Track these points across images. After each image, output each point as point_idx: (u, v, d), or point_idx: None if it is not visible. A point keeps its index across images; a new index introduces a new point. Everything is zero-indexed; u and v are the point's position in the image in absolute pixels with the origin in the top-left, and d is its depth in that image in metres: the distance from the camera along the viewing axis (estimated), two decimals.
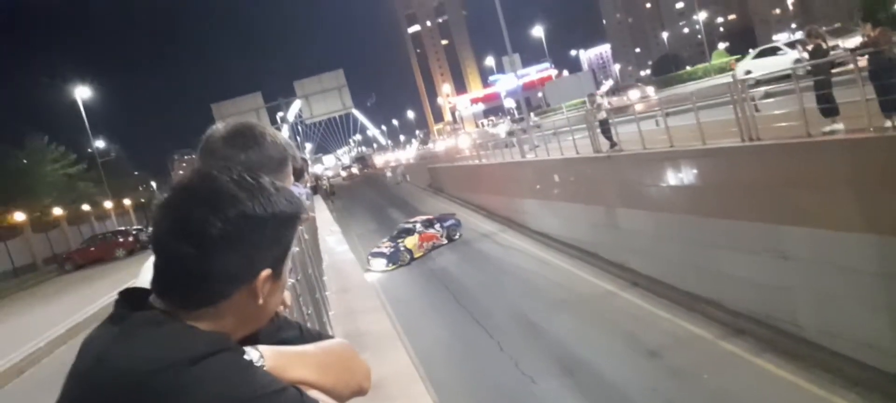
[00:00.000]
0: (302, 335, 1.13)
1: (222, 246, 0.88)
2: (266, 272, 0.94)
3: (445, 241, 23.24)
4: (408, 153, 68.59)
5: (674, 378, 10.14)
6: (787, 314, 10.14)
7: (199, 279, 0.89)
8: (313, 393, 0.95)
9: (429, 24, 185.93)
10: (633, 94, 41.91)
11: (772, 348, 10.18)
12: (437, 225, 23.54)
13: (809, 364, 9.43)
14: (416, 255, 22.02)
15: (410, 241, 22.19)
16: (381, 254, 21.70)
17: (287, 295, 1.61)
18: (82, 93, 34.89)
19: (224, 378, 0.82)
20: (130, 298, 0.94)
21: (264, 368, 0.91)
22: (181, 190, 0.92)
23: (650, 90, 42.44)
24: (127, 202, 46.16)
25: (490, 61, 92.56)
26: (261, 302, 0.95)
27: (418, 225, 23.18)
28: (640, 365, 10.72)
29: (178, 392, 0.78)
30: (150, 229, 0.96)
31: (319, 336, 1.18)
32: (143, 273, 1.27)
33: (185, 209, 0.90)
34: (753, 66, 22.07)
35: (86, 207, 39.61)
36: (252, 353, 0.91)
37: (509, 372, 11.48)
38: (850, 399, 8.45)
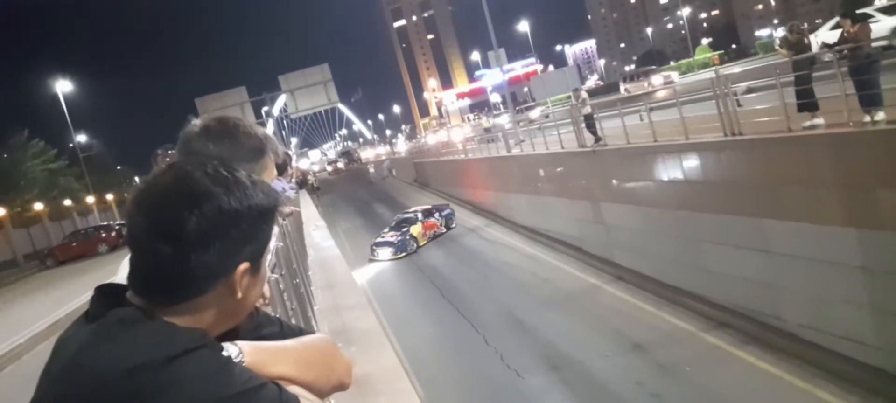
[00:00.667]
0: (282, 331, 1.12)
1: (198, 241, 0.86)
2: (244, 266, 0.93)
3: (444, 230, 23.40)
4: (399, 146, 67.38)
5: (658, 371, 10.23)
6: (770, 307, 10.27)
7: (176, 275, 0.88)
8: (294, 389, 0.94)
9: (414, 18, 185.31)
10: (657, 80, 39.49)
11: (755, 341, 10.31)
12: (437, 214, 23.72)
13: (791, 357, 9.57)
14: (421, 244, 22.04)
15: (415, 230, 22.18)
16: (388, 244, 21.60)
17: (267, 289, 1.60)
18: (64, 87, 34.43)
19: (202, 375, 0.81)
20: (107, 295, 0.92)
21: (244, 364, 0.90)
22: (154, 185, 0.91)
23: (675, 76, 40.23)
24: (110, 197, 45.61)
25: (476, 56, 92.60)
26: (239, 296, 0.94)
27: (419, 215, 23.25)
28: (626, 359, 10.81)
29: (156, 390, 0.77)
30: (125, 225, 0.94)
31: (300, 331, 1.17)
32: (121, 270, 1.26)
33: (159, 205, 0.88)
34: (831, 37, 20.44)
35: (67, 203, 39.09)
36: (231, 349, 0.90)
37: (496, 367, 11.52)
38: (832, 392, 8.58)
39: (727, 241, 10.83)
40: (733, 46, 77.12)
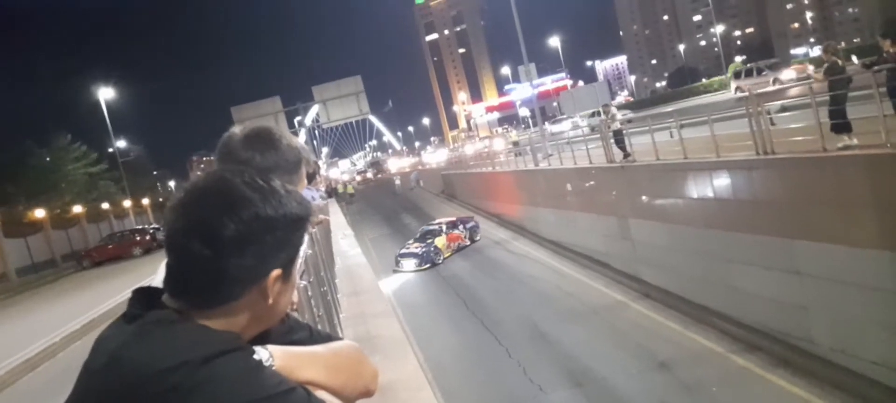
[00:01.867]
0: (312, 336, 1.15)
1: (235, 247, 0.90)
2: (276, 272, 0.96)
3: (469, 242, 23.39)
4: (437, 156, 64.79)
5: (683, 391, 10.07)
6: (800, 330, 10.04)
7: (212, 279, 0.91)
8: (321, 394, 0.96)
9: (446, 32, 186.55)
10: (788, 75, 28.43)
11: (785, 364, 10.07)
12: (461, 227, 23.70)
13: (822, 382, 9.32)
14: (445, 255, 22.01)
15: (440, 242, 22.19)
16: (412, 255, 21.63)
17: (296, 295, 1.68)
18: (105, 93, 35.48)
19: (235, 376, 0.84)
20: (144, 297, 0.96)
21: (274, 368, 0.93)
22: (195, 191, 0.95)
23: (810, 69, 26.73)
24: (145, 201, 46.75)
25: (506, 70, 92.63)
26: (271, 301, 0.97)
27: (444, 227, 23.25)
28: (650, 378, 10.66)
29: (190, 390, 0.80)
30: (164, 229, 0.98)
31: (329, 337, 1.20)
32: (158, 272, 1.35)
33: (198, 210, 0.92)
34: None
35: (105, 205, 40.17)
36: (262, 353, 0.93)
37: (518, 381, 11.46)
38: None
39: (757, 261, 10.64)
40: None
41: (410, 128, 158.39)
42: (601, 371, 11.20)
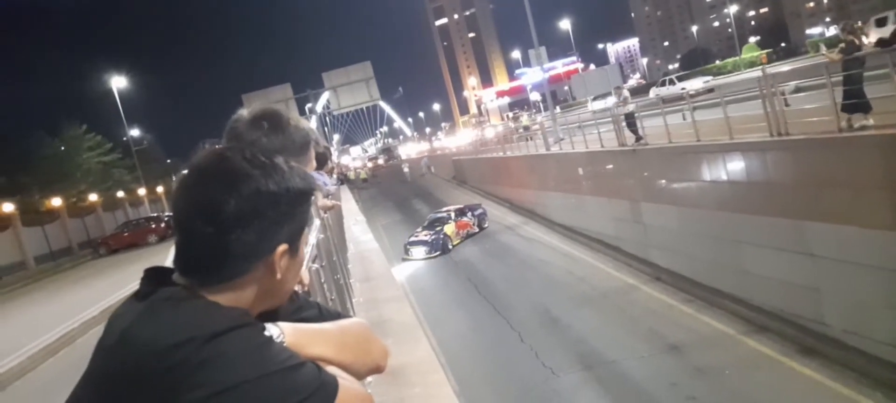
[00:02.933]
0: (321, 314, 1.17)
1: (238, 222, 0.91)
2: (282, 247, 0.98)
3: (477, 229, 23.32)
4: (458, 139, 61.96)
5: (695, 373, 10.08)
6: (812, 312, 10.00)
7: (218, 256, 0.93)
8: (331, 370, 0.96)
9: (456, 16, 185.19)
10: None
11: (797, 346, 10.05)
12: (469, 214, 23.64)
13: (835, 363, 9.30)
14: (455, 243, 21.92)
15: (449, 229, 22.06)
16: (422, 243, 21.46)
17: (305, 275, 1.70)
18: (118, 82, 35.70)
19: (244, 351, 0.85)
20: (155, 275, 0.98)
21: (284, 344, 0.93)
22: (196, 170, 0.96)
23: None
24: (159, 189, 47.16)
25: (516, 54, 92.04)
26: (279, 277, 0.99)
27: (452, 214, 23.17)
28: (661, 361, 10.68)
29: (199, 365, 0.81)
30: (170, 209, 1.00)
31: (338, 315, 1.21)
32: (170, 256, 1.38)
33: (200, 189, 0.94)
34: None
35: (120, 194, 40.60)
36: (272, 329, 0.94)
37: (530, 364, 11.53)
38: (876, 399, 8.32)
39: (769, 243, 10.59)
40: (783, 45, 74.64)
41: (421, 114, 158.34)
42: (612, 354, 11.24)
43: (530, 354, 11.93)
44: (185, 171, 0.98)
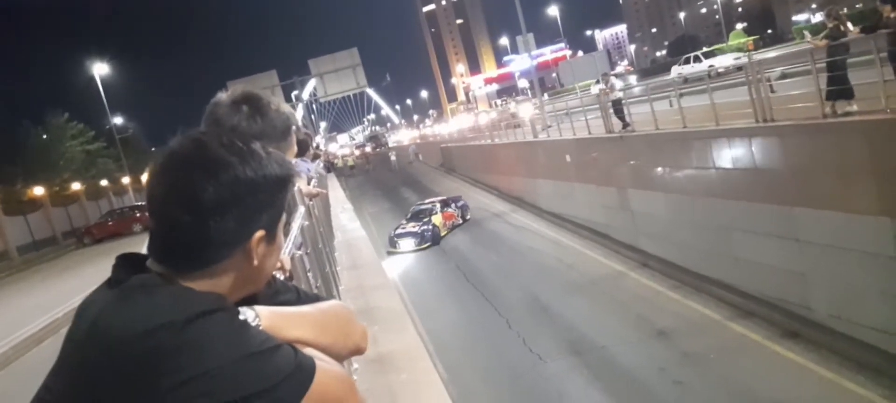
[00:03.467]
0: (299, 297, 1.15)
1: (215, 209, 0.90)
2: (259, 234, 0.96)
3: (461, 221, 23.25)
4: (451, 126, 59.88)
5: (682, 358, 10.18)
6: (798, 297, 10.11)
7: (194, 243, 0.91)
8: (310, 352, 0.95)
9: (444, 2, 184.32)
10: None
11: (782, 331, 10.17)
12: (453, 205, 23.52)
13: (819, 347, 9.42)
14: (443, 234, 21.61)
15: (437, 220, 21.72)
16: (411, 234, 20.87)
17: (286, 260, 1.67)
18: (100, 69, 35.17)
19: (219, 335, 0.84)
20: (128, 262, 0.96)
21: (261, 327, 0.92)
22: (173, 156, 0.94)
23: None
24: (144, 177, 46.68)
25: (504, 41, 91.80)
26: (256, 263, 0.97)
27: (437, 205, 22.85)
28: (649, 346, 10.77)
29: (173, 351, 0.80)
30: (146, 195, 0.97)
31: (316, 298, 1.19)
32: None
33: (177, 175, 0.91)
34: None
35: (104, 182, 40.15)
36: (247, 313, 0.93)
37: (518, 351, 11.58)
38: (859, 383, 8.44)
39: (756, 229, 10.67)
40: (769, 31, 75.08)
41: (408, 102, 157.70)
42: (601, 340, 11.31)
43: (519, 341, 11.98)
44: (162, 156, 0.95)
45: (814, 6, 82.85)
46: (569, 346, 11.36)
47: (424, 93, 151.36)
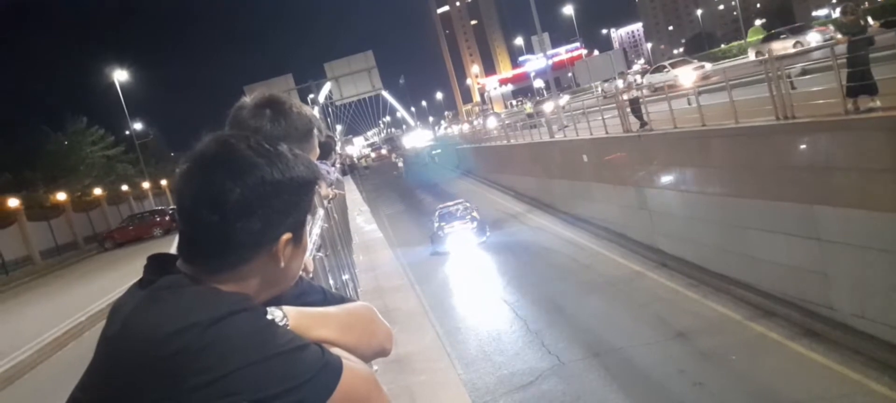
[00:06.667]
0: (325, 298, 1.16)
1: (243, 211, 0.90)
2: (286, 236, 0.96)
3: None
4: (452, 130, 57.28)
5: (702, 359, 10.07)
6: (820, 296, 9.95)
7: (222, 244, 0.92)
8: (336, 351, 0.96)
9: (458, 3, 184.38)
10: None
11: (803, 330, 10.02)
12: (467, 205, 23.60)
13: (843, 348, 9.25)
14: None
15: (476, 214, 21.63)
16: (463, 230, 20.35)
17: (310, 262, 1.69)
18: (120, 76, 35.65)
19: (246, 335, 0.85)
20: (158, 263, 0.97)
21: (288, 327, 0.94)
22: (200, 158, 0.95)
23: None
24: (164, 182, 47.23)
25: (519, 41, 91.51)
26: (282, 265, 0.98)
27: (461, 206, 22.53)
28: (668, 347, 10.66)
29: (201, 350, 0.81)
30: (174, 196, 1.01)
31: (342, 299, 1.20)
32: (175, 244, 1.36)
33: (205, 176, 0.92)
34: None
35: (124, 187, 40.66)
36: (275, 313, 0.94)
37: (536, 352, 11.54)
38: (885, 383, 8.28)
39: (776, 228, 10.52)
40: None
41: (423, 103, 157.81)
42: (619, 341, 11.23)
43: (537, 342, 11.94)
44: (188, 158, 0.96)
45: (834, 1, 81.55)
46: (587, 347, 11.30)
47: (439, 95, 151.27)
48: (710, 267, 12.79)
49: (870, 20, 8.83)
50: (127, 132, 40.78)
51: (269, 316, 0.92)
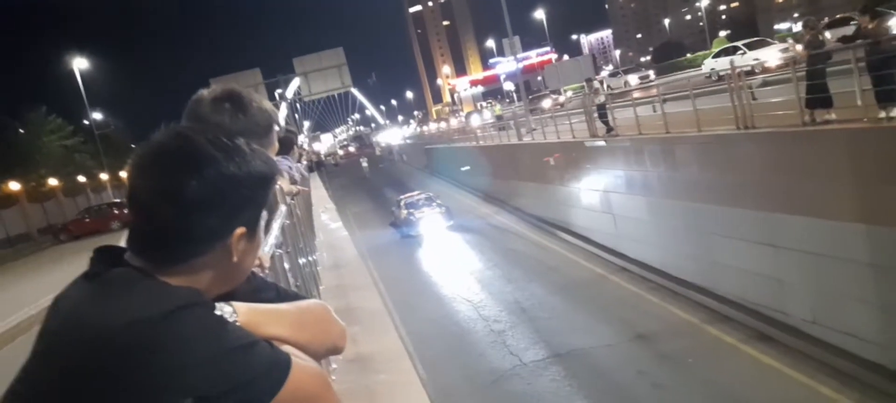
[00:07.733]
0: (278, 295, 1.15)
1: (199, 205, 0.89)
2: (240, 230, 0.95)
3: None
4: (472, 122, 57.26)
5: (661, 361, 10.27)
6: (776, 302, 10.23)
7: (175, 237, 0.90)
8: (287, 348, 0.95)
9: (430, 4, 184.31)
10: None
11: (759, 335, 10.30)
12: (430, 195, 24.40)
13: (794, 352, 9.54)
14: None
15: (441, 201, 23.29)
16: (432, 214, 22.29)
17: (265, 257, 1.66)
18: (80, 64, 34.61)
19: (195, 331, 0.83)
20: (106, 255, 0.94)
21: (238, 323, 0.92)
22: (157, 150, 0.92)
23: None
24: (123, 174, 46.06)
25: (491, 43, 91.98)
26: (235, 260, 0.96)
27: (425, 195, 24.04)
28: (628, 349, 10.85)
29: (149, 345, 0.79)
30: (126, 188, 0.96)
31: (296, 296, 1.19)
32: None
33: (161, 169, 0.90)
34: None
35: (82, 179, 39.52)
36: (224, 308, 0.93)
37: (499, 352, 11.61)
38: (833, 387, 8.57)
39: (736, 234, 10.79)
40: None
41: (393, 102, 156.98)
42: (580, 342, 11.36)
43: (499, 342, 12.00)
44: (143, 149, 0.94)
45: (796, 15, 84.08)
46: (549, 348, 11.40)
47: (410, 94, 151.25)
48: (672, 271, 13.04)
49: (827, 35, 9.13)
50: (86, 122, 39.61)
51: (217, 312, 0.90)
